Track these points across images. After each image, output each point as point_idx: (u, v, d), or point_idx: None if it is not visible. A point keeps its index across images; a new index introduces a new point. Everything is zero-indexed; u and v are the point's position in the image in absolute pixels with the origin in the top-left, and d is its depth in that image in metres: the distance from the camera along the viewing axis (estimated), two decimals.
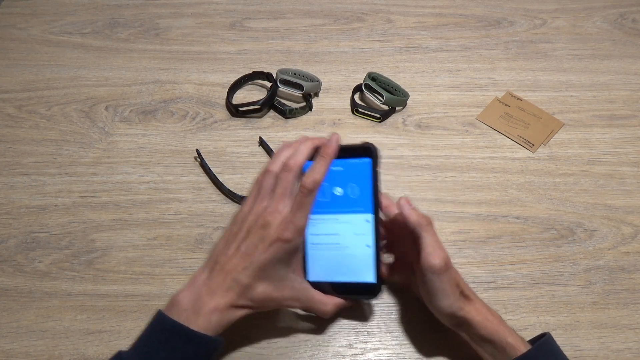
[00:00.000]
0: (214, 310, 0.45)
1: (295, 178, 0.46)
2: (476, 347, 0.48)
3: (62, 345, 0.52)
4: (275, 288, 0.47)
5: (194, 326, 0.43)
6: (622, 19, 0.84)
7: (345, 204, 0.48)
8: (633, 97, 0.74)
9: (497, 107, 0.72)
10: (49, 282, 0.56)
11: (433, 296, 0.47)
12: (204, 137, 0.68)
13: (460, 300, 0.47)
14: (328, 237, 0.49)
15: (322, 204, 0.48)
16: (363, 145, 0.47)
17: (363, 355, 0.52)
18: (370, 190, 0.47)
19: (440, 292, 0.46)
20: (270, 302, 0.47)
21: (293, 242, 0.45)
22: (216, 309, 0.45)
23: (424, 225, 0.46)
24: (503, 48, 0.80)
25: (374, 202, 0.47)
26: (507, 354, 0.45)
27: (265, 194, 0.47)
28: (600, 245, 0.60)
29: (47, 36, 0.80)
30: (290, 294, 0.48)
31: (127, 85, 0.74)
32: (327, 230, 0.49)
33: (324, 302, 0.49)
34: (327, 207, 0.48)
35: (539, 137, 0.69)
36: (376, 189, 0.47)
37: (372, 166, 0.47)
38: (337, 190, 0.48)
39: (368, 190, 0.47)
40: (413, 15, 0.84)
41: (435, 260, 0.45)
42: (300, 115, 0.71)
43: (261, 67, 0.75)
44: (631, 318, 0.54)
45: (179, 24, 0.82)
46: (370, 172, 0.47)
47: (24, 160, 0.66)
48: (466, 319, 0.46)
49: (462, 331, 0.48)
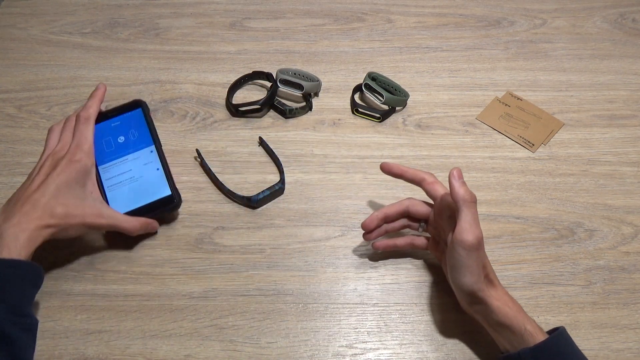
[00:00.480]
0: (19, 231, 0.46)
1: (73, 122, 0.56)
2: (493, 332, 0.49)
3: (62, 345, 0.52)
4: (75, 206, 0.51)
5: (3, 250, 0.44)
6: (622, 18, 0.84)
7: (130, 146, 0.59)
8: (633, 97, 0.74)
9: (497, 107, 0.72)
10: (48, 282, 0.56)
11: (457, 271, 0.47)
12: (203, 137, 0.68)
13: (484, 282, 0.47)
14: (122, 175, 0.58)
15: (111, 152, 0.59)
16: (132, 102, 0.62)
17: (363, 355, 0.52)
18: (147, 130, 0.60)
19: (466, 268, 0.47)
20: (72, 218, 0.50)
21: (82, 162, 0.52)
22: (21, 230, 0.46)
23: (467, 201, 0.47)
24: (503, 48, 0.80)
25: (152, 137, 0.60)
26: (524, 341, 0.45)
27: (49, 149, 0.54)
28: (600, 245, 0.60)
29: (47, 36, 0.80)
30: (92, 211, 0.52)
31: (127, 85, 0.74)
32: (121, 171, 0.58)
33: (127, 220, 0.55)
34: (116, 154, 0.59)
35: (539, 137, 0.69)
36: (152, 128, 0.60)
37: (143, 112, 0.61)
38: (120, 138, 0.60)
39: (145, 131, 0.60)
40: (413, 15, 0.84)
41: (468, 236, 0.46)
42: (300, 115, 0.71)
43: (261, 67, 0.75)
44: (631, 318, 0.54)
45: (178, 24, 0.82)
46: (143, 117, 0.61)
47: (24, 160, 0.66)
48: (486, 301, 0.47)
49: (479, 315, 0.49)
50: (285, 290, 0.56)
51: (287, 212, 0.62)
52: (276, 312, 0.54)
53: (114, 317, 0.54)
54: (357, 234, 0.60)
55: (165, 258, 0.58)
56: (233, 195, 0.62)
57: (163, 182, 0.58)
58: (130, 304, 0.55)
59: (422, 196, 0.55)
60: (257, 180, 0.64)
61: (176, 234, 0.60)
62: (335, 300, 0.55)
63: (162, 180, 0.58)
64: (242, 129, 0.69)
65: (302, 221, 0.61)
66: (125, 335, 0.53)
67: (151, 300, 0.55)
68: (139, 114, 0.61)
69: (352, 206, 0.62)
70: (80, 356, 0.51)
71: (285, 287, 0.56)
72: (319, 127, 0.70)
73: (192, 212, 0.62)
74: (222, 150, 0.67)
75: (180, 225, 0.60)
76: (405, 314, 0.55)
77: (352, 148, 0.68)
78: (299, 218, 0.61)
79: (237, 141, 0.68)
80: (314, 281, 0.57)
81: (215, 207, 0.62)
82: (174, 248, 0.59)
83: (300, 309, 0.55)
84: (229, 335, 0.53)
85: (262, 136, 0.67)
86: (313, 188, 0.64)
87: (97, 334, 0.53)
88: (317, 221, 0.61)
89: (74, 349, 0.52)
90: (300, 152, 0.67)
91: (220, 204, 0.62)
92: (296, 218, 0.61)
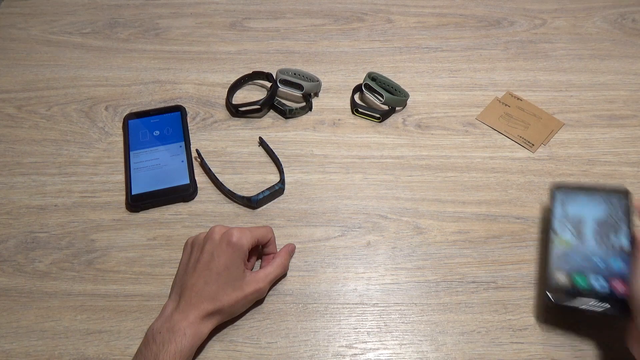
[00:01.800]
0: (187, 325, 0.47)
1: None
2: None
3: (62, 345, 0.52)
4: (236, 288, 0.50)
5: (171, 345, 0.45)
6: (622, 19, 0.84)
7: (163, 139, 0.67)
8: (633, 97, 0.74)
9: (497, 107, 0.72)
10: (48, 282, 0.56)
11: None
12: (203, 137, 0.68)
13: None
14: (150, 162, 0.64)
15: (145, 142, 0.66)
16: (174, 106, 0.70)
17: (363, 355, 0.52)
18: (180, 129, 0.67)
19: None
20: (236, 303, 0.51)
21: (239, 243, 0.51)
22: (189, 324, 0.47)
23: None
24: (503, 48, 0.80)
25: (184, 136, 0.67)
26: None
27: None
28: None
29: (47, 36, 0.80)
30: (251, 288, 0.52)
31: (127, 85, 0.74)
32: (150, 157, 0.65)
33: (277, 266, 0.55)
34: (149, 143, 0.66)
35: (539, 137, 0.69)
36: (186, 129, 0.68)
37: (181, 115, 0.69)
38: (155, 132, 0.67)
39: (179, 130, 0.67)
40: (413, 15, 0.84)
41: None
42: (300, 115, 0.71)
43: (261, 67, 0.75)
44: None
45: (178, 24, 0.82)
46: (180, 119, 0.69)
47: (24, 160, 0.66)
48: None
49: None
50: (285, 290, 0.56)
51: (287, 212, 0.62)
52: (276, 312, 0.54)
53: (114, 317, 0.54)
54: (356, 234, 0.60)
55: (165, 258, 0.58)
56: (233, 195, 0.62)
57: (184, 173, 0.63)
58: (130, 304, 0.55)
59: (422, 196, 0.54)
60: (257, 180, 0.64)
61: (176, 234, 0.60)
62: (335, 301, 0.55)
63: (184, 170, 0.64)
64: (242, 129, 0.69)
65: (302, 221, 0.61)
66: (125, 335, 0.53)
67: (151, 300, 0.55)
68: (177, 116, 0.69)
69: (352, 206, 0.62)
70: (80, 356, 0.51)
71: (285, 287, 0.56)
72: (319, 127, 0.70)
73: (192, 212, 0.62)
74: (222, 150, 0.67)
75: (180, 225, 0.61)
76: (405, 314, 0.55)
77: (352, 148, 0.68)
78: (299, 218, 0.61)
79: (237, 141, 0.68)
80: (314, 281, 0.57)
81: (215, 207, 0.62)
82: (174, 248, 0.59)
83: (300, 309, 0.55)
84: (229, 335, 0.53)
85: (262, 136, 0.67)
86: (313, 188, 0.64)
87: (97, 334, 0.53)
88: (317, 221, 0.61)
89: (74, 349, 0.52)
90: (300, 152, 0.67)
91: (220, 204, 0.62)
92: (296, 218, 0.61)
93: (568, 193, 0.55)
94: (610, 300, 0.49)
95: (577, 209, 0.54)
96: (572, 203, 0.54)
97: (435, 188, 0.64)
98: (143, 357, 0.46)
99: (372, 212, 0.62)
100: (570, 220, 0.53)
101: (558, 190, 0.56)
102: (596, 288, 0.49)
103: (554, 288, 0.50)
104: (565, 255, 0.51)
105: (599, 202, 0.53)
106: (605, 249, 0.51)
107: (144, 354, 0.46)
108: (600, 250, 0.51)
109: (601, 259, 0.50)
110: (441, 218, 0.61)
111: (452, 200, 0.63)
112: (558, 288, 0.50)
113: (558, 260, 0.51)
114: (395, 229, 0.61)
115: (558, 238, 0.52)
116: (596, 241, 0.52)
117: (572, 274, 0.50)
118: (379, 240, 0.60)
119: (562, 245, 0.52)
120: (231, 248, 0.51)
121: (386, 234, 0.60)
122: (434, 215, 0.62)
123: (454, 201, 0.63)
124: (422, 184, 0.64)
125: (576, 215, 0.53)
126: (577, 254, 0.51)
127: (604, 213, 0.53)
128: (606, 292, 0.49)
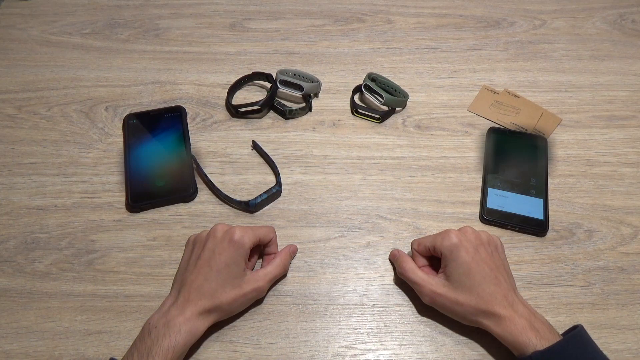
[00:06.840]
0: (183, 321, 0.47)
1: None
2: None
3: (62, 346, 0.52)
4: (235, 286, 0.50)
5: (165, 341, 0.46)
6: (622, 19, 0.84)
7: (162, 140, 0.67)
8: (632, 97, 0.74)
9: (487, 95, 0.72)
10: (48, 283, 0.56)
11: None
12: (203, 137, 0.68)
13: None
14: (150, 162, 0.65)
15: (145, 143, 0.66)
16: (174, 106, 0.71)
17: (363, 355, 0.52)
18: (180, 130, 0.68)
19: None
20: (234, 301, 0.51)
21: (240, 241, 0.51)
22: (185, 320, 0.47)
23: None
24: (502, 49, 0.80)
25: (184, 137, 0.67)
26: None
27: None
28: (599, 246, 0.60)
29: (47, 37, 0.80)
30: (250, 287, 0.51)
31: (127, 85, 0.74)
32: (149, 158, 0.65)
33: (277, 266, 0.55)
34: (149, 144, 0.66)
35: (530, 121, 0.69)
36: (186, 129, 0.68)
37: (181, 116, 0.69)
38: (155, 133, 0.67)
39: (179, 131, 0.68)
40: (413, 16, 0.84)
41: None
42: (300, 116, 0.71)
43: (261, 67, 0.75)
44: (630, 319, 0.54)
45: (178, 25, 0.82)
46: (179, 120, 0.69)
47: (24, 160, 0.66)
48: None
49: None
50: (285, 291, 0.56)
51: (287, 212, 0.62)
52: (276, 312, 0.54)
53: (114, 317, 0.54)
54: (356, 234, 0.60)
55: (165, 259, 0.58)
56: (230, 200, 0.62)
57: (184, 173, 0.64)
58: (130, 305, 0.55)
59: (421, 197, 0.54)
60: (257, 181, 0.64)
61: (176, 235, 0.60)
62: (334, 301, 0.56)
63: (184, 171, 0.64)
64: (241, 129, 0.69)
65: (301, 222, 0.61)
66: (125, 336, 0.53)
67: (151, 300, 0.55)
68: (177, 116, 0.69)
69: (352, 207, 0.63)
70: (80, 357, 0.51)
71: (284, 287, 0.56)
72: (318, 128, 0.70)
73: (192, 212, 0.62)
74: (222, 151, 0.67)
75: (180, 225, 0.61)
76: (404, 315, 0.55)
77: (351, 149, 0.68)
78: (299, 219, 0.61)
79: (237, 142, 0.68)
80: (314, 282, 0.57)
81: (215, 208, 0.62)
82: (174, 248, 0.59)
83: (300, 310, 0.55)
84: (229, 336, 0.53)
85: (261, 137, 0.68)
86: (313, 189, 0.64)
87: (97, 335, 0.53)
88: (316, 222, 0.61)
89: (74, 349, 0.52)
90: (300, 152, 0.67)
91: (220, 204, 0.63)
92: (296, 219, 0.61)
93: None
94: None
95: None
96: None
97: (435, 189, 0.64)
98: (137, 351, 0.46)
99: (371, 212, 0.62)
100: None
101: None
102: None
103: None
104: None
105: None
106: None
107: (138, 348, 0.46)
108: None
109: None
110: (441, 219, 0.61)
111: (452, 201, 0.63)
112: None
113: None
114: (395, 230, 0.61)
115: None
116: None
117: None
118: (379, 240, 0.60)
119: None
120: (233, 246, 0.51)
121: (386, 235, 0.60)
122: (433, 215, 0.62)
123: (453, 202, 0.63)
124: (422, 184, 0.64)
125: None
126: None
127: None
128: None
